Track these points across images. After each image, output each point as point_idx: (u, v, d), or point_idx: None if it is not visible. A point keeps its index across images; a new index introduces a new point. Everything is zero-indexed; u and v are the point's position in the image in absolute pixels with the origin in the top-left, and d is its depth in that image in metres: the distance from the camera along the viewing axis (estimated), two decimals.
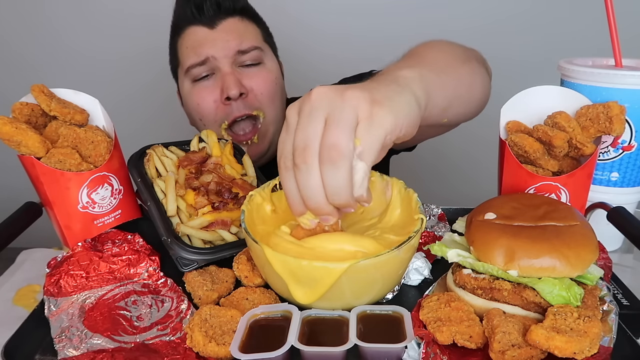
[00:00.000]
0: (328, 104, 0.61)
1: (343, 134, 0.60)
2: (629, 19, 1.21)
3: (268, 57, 1.34)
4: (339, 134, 0.60)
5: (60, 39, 2.14)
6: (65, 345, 0.67)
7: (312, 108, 0.62)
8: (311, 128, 0.61)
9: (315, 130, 0.61)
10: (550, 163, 0.84)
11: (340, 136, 0.59)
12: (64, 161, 0.81)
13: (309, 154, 0.60)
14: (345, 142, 0.60)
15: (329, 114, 0.61)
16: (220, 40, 1.26)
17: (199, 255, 0.82)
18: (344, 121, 0.60)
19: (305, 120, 0.62)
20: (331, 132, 0.60)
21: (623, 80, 0.86)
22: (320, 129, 0.61)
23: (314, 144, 0.60)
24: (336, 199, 0.62)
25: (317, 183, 0.61)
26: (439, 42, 0.95)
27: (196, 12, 1.27)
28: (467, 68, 0.91)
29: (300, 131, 0.62)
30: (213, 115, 1.28)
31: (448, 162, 2.16)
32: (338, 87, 0.63)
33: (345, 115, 0.60)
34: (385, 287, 0.72)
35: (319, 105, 0.62)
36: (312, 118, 0.61)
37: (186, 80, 1.31)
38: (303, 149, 0.61)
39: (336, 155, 0.59)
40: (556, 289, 0.63)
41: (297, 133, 0.62)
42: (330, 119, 0.60)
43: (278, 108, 1.35)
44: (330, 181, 0.61)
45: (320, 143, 0.60)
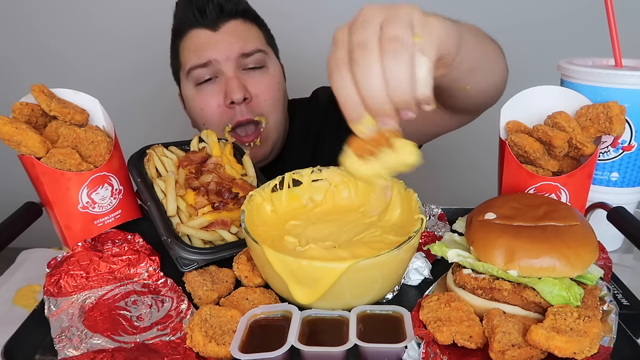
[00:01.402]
0: (381, 14, 0.59)
1: (402, 27, 0.58)
2: (629, 19, 1.21)
3: (271, 60, 1.34)
4: (397, 28, 0.58)
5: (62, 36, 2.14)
6: (65, 345, 0.67)
7: (366, 19, 0.59)
8: (368, 30, 0.58)
9: (372, 31, 0.58)
10: (550, 163, 0.84)
11: (399, 30, 0.57)
12: (64, 161, 0.81)
13: (368, 50, 0.57)
14: (406, 34, 0.57)
15: (385, 19, 0.59)
16: (223, 43, 1.26)
17: (199, 255, 0.82)
18: (401, 20, 0.58)
19: (359, 27, 0.59)
20: (390, 27, 0.57)
21: (623, 80, 0.86)
22: (377, 31, 0.58)
23: (372, 41, 0.57)
24: (399, 94, 0.58)
25: (379, 76, 0.57)
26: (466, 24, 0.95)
27: (198, 15, 1.26)
28: (494, 45, 0.93)
29: (355, 34, 0.59)
30: (217, 119, 1.28)
31: (448, 162, 2.16)
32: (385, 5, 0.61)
33: (401, 16, 0.59)
34: (385, 287, 0.72)
35: (373, 16, 0.59)
36: (367, 24, 0.59)
37: (188, 83, 1.30)
38: (361, 46, 0.57)
39: (398, 45, 0.57)
40: (556, 289, 0.63)
41: (353, 35, 0.59)
42: (387, 21, 0.59)
43: (280, 113, 1.36)
44: (393, 73, 0.57)
45: (380, 39, 0.57)
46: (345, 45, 0.60)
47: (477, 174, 1.72)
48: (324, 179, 0.89)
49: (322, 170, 0.88)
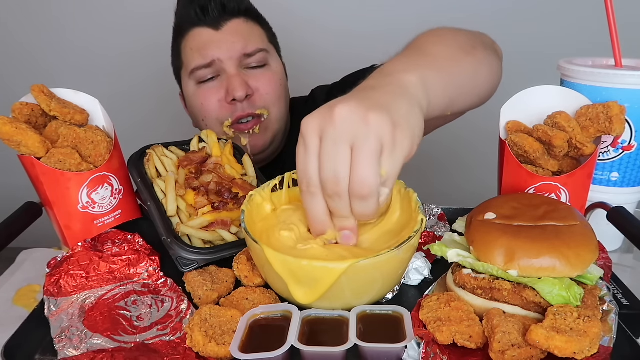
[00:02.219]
0: (352, 130, 0.62)
1: (371, 169, 0.62)
2: (629, 19, 1.21)
3: (273, 58, 1.34)
4: (367, 171, 0.61)
5: (61, 36, 2.14)
6: (65, 345, 0.67)
7: (337, 135, 0.62)
8: (339, 160, 0.62)
9: (343, 162, 0.62)
10: (550, 163, 0.84)
11: (369, 173, 0.62)
12: (64, 161, 0.81)
13: (341, 188, 0.63)
14: (374, 178, 0.62)
15: (355, 142, 0.62)
16: (226, 42, 1.26)
17: (199, 255, 0.82)
18: (370, 154, 0.61)
19: (330, 149, 0.62)
20: (360, 168, 0.62)
21: (623, 80, 0.86)
22: (348, 159, 0.62)
23: (344, 175, 0.62)
24: (364, 219, 0.68)
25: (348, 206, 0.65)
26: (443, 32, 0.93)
27: (200, 14, 1.26)
28: (470, 59, 0.90)
29: (327, 160, 0.63)
30: (217, 114, 1.28)
31: (448, 162, 2.17)
32: (359, 106, 0.63)
33: (371, 146, 0.61)
34: (385, 287, 0.72)
35: (343, 131, 0.62)
36: (339, 148, 0.62)
37: (190, 82, 1.30)
38: (334, 182, 0.63)
39: (367, 191, 0.62)
40: (556, 289, 0.63)
41: (324, 161, 0.63)
42: (357, 150, 0.62)
43: (283, 108, 1.36)
44: (360, 210, 0.65)
45: (350, 178, 0.62)
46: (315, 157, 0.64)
47: (477, 174, 1.72)
48: None
49: None
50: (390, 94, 0.68)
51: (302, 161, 0.65)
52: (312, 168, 0.64)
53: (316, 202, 0.66)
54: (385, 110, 0.63)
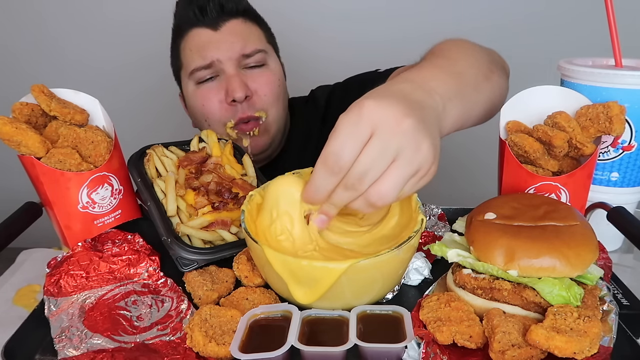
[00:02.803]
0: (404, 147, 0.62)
1: (395, 188, 0.63)
2: (629, 19, 1.21)
3: (271, 58, 1.35)
4: (392, 189, 0.63)
5: (62, 36, 2.14)
6: (65, 345, 0.67)
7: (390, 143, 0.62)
8: (379, 164, 0.63)
9: (380, 168, 0.63)
10: (550, 163, 0.84)
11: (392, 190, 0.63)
12: (64, 161, 0.81)
13: (362, 187, 0.64)
14: (393, 196, 0.64)
15: (399, 156, 0.63)
16: (225, 43, 1.26)
17: (199, 255, 0.82)
18: (404, 176, 0.63)
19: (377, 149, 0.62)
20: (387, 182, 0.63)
21: (623, 80, 0.86)
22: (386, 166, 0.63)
23: (371, 179, 0.63)
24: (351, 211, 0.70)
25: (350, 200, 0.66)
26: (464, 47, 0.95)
27: (199, 14, 1.27)
28: (489, 86, 0.91)
29: (368, 158, 0.62)
30: (218, 115, 1.28)
31: (448, 162, 2.16)
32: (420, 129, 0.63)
33: (410, 170, 0.64)
34: (385, 287, 0.72)
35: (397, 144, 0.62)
36: (385, 154, 0.62)
37: (190, 82, 1.31)
38: (360, 179, 0.63)
39: (380, 204, 0.65)
40: (556, 289, 0.63)
41: (364, 156, 0.62)
42: (396, 165, 0.63)
43: (281, 109, 1.36)
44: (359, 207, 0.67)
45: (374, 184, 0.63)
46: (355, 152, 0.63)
47: (477, 174, 1.72)
48: None
49: None
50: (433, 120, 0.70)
51: (343, 137, 0.62)
52: (349, 152, 0.62)
53: (330, 180, 0.65)
54: (434, 143, 0.66)
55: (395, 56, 0.87)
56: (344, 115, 0.64)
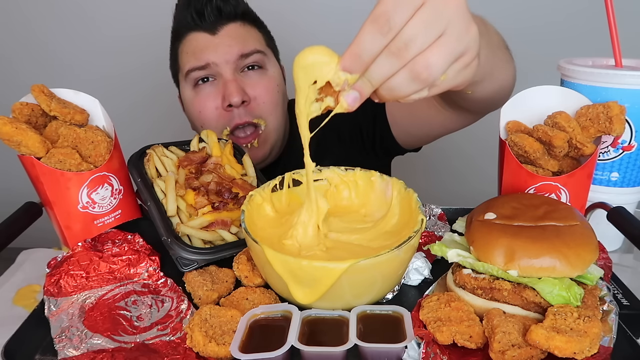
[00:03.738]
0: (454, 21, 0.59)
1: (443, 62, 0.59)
2: (629, 19, 1.21)
3: (270, 61, 1.34)
4: (440, 61, 0.59)
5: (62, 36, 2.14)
6: (65, 345, 0.67)
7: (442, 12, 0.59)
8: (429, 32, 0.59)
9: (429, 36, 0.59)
10: (550, 163, 0.84)
11: (440, 63, 0.59)
12: (64, 161, 0.81)
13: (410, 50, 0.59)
14: (440, 72, 0.60)
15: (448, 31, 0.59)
16: (222, 47, 1.25)
17: (199, 255, 0.82)
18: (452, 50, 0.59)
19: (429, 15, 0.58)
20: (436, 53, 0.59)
21: (623, 80, 0.86)
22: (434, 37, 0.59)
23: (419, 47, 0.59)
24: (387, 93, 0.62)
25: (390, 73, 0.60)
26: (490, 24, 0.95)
27: (197, 18, 1.26)
28: (506, 53, 0.94)
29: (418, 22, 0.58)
30: (215, 122, 1.28)
31: (448, 162, 2.16)
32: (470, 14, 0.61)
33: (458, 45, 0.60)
34: (385, 287, 0.72)
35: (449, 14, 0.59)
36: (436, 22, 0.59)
37: (187, 85, 1.30)
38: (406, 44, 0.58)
39: (424, 76, 0.59)
40: (556, 289, 0.63)
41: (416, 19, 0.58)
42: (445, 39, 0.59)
43: (280, 115, 1.35)
44: (396, 85, 0.61)
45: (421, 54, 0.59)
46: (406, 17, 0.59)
47: (477, 174, 1.72)
48: (324, 179, 0.89)
49: (322, 170, 0.88)
50: None
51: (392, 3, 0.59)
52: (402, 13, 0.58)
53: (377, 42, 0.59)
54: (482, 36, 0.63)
55: None
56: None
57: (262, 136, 1.31)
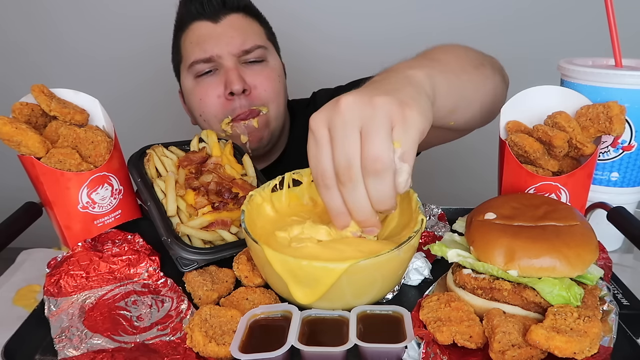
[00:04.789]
0: (359, 115, 0.61)
1: (383, 144, 0.60)
2: (629, 19, 1.21)
3: (271, 55, 1.35)
4: (379, 145, 0.60)
5: (61, 38, 2.14)
6: (65, 345, 0.67)
7: (345, 121, 0.61)
8: (350, 144, 0.61)
9: (354, 146, 0.61)
10: (550, 163, 0.84)
11: (380, 147, 0.60)
12: (64, 161, 0.81)
13: (354, 172, 0.61)
14: (387, 152, 0.61)
15: (363, 125, 0.61)
16: (225, 37, 1.26)
17: (199, 255, 0.82)
18: (380, 130, 0.61)
19: (340, 136, 0.62)
20: (371, 145, 0.60)
21: (623, 80, 0.86)
22: (358, 142, 0.61)
23: (356, 160, 0.61)
24: (382, 206, 0.64)
25: (364, 196, 0.63)
26: (454, 46, 0.95)
27: (200, 7, 1.28)
28: (478, 73, 0.92)
29: (338, 148, 0.62)
30: (215, 110, 1.28)
31: (448, 162, 2.16)
32: (363, 94, 0.63)
33: (379, 123, 0.61)
34: (385, 287, 0.72)
35: (351, 117, 0.61)
36: (348, 132, 0.61)
37: (189, 76, 1.31)
38: (347, 167, 0.61)
39: (380, 167, 0.61)
40: (556, 289, 0.63)
41: (336, 150, 0.62)
42: (366, 130, 0.61)
43: (281, 105, 1.36)
44: (377, 192, 0.63)
45: (362, 157, 0.61)
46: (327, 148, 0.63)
47: (477, 174, 1.72)
48: None
49: None
50: (395, 84, 0.68)
51: (313, 155, 0.64)
52: (325, 160, 0.63)
53: (333, 195, 0.65)
54: (391, 94, 0.63)
55: (399, 55, 0.87)
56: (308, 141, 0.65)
57: (263, 118, 1.30)
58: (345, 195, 0.64)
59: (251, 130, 1.29)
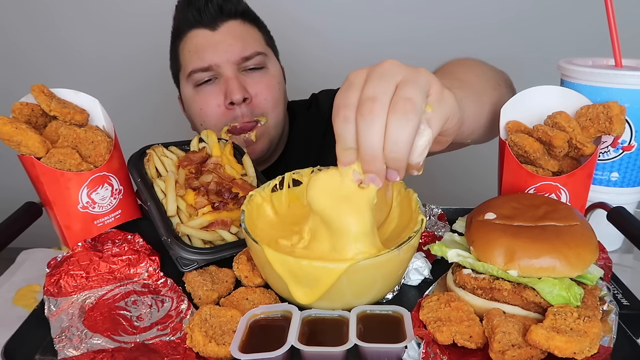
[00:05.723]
0: (402, 71, 0.60)
1: (419, 92, 0.59)
2: (629, 19, 1.21)
3: (271, 61, 1.34)
4: (415, 91, 0.59)
5: (61, 37, 2.14)
6: (65, 345, 0.67)
7: (385, 71, 0.60)
8: (383, 84, 0.59)
9: (387, 87, 0.59)
10: (550, 163, 0.84)
11: (416, 93, 0.59)
12: (64, 161, 0.81)
13: (378, 106, 0.58)
14: (420, 100, 0.59)
15: (404, 78, 0.60)
16: (223, 45, 1.25)
17: (199, 255, 0.82)
18: (419, 85, 0.59)
19: (376, 77, 0.60)
20: (406, 89, 0.59)
21: (623, 80, 0.86)
22: (393, 88, 0.59)
23: (385, 97, 0.59)
24: (393, 154, 0.60)
25: (380, 132, 0.59)
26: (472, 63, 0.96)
27: (197, 15, 1.26)
28: (495, 93, 0.93)
29: (370, 86, 0.60)
30: (215, 119, 1.27)
31: (448, 162, 2.16)
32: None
33: (420, 81, 0.60)
34: (385, 287, 0.72)
35: (393, 72, 0.60)
36: (385, 78, 0.60)
37: (188, 84, 1.30)
38: (372, 100, 0.59)
39: (410, 107, 0.58)
40: (556, 289, 0.63)
41: (367, 87, 0.60)
42: (404, 81, 0.60)
43: (280, 114, 1.35)
44: (395, 132, 0.58)
45: (395, 95, 0.59)
46: (358, 90, 0.60)
47: (477, 174, 1.72)
48: None
49: (323, 170, 0.88)
50: None
51: (342, 92, 0.61)
52: (352, 95, 0.60)
53: (348, 128, 0.60)
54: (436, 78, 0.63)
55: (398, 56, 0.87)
56: None
57: (261, 129, 1.30)
58: (360, 127, 0.59)
59: (249, 144, 1.29)
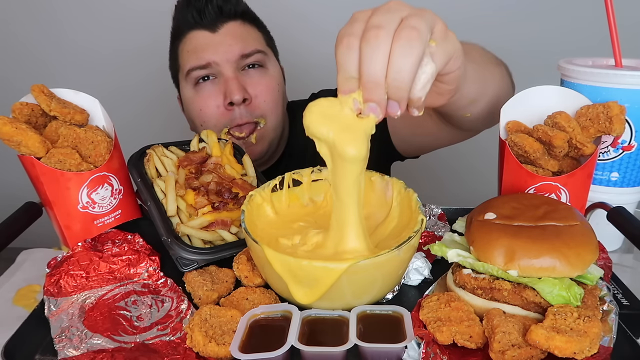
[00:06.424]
0: (408, 8, 0.60)
1: (424, 23, 0.58)
2: (629, 19, 1.21)
3: (270, 61, 1.34)
4: (420, 21, 0.58)
5: (61, 35, 2.14)
6: (65, 345, 0.67)
7: (391, 8, 0.60)
8: (389, 16, 0.58)
9: (394, 17, 0.58)
10: (550, 163, 0.84)
11: (421, 23, 0.58)
12: (64, 161, 0.81)
13: (383, 32, 0.57)
14: (425, 29, 0.58)
15: (409, 13, 0.59)
16: (223, 45, 1.25)
17: (199, 255, 0.82)
18: (425, 18, 0.59)
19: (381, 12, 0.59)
20: (412, 19, 0.58)
21: (623, 80, 0.86)
22: (399, 20, 0.58)
23: (391, 26, 0.58)
24: (396, 82, 0.58)
25: (384, 59, 0.57)
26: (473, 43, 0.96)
27: (197, 16, 1.26)
28: (497, 70, 0.94)
29: (374, 17, 0.59)
30: (215, 120, 1.27)
31: (448, 162, 2.16)
32: None
33: (427, 16, 0.59)
34: (385, 287, 0.72)
35: (399, 8, 0.60)
36: (391, 12, 0.59)
37: (187, 85, 1.30)
38: (377, 27, 0.57)
39: (415, 35, 0.57)
40: (556, 289, 0.63)
41: (373, 18, 0.59)
42: (411, 14, 0.59)
43: (280, 115, 1.35)
44: (399, 60, 0.57)
45: (400, 25, 0.58)
46: (363, 22, 0.59)
47: (477, 174, 1.72)
48: (324, 178, 0.89)
49: (322, 170, 0.88)
50: None
51: (346, 26, 0.60)
52: (356, 27, 0.59)
53: (350, 55, 0.59)
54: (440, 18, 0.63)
55: None
56: None
57: (260, 132, 1.30)
58: (364, 54, 0.58)
59: (249, 146, 1.29)
